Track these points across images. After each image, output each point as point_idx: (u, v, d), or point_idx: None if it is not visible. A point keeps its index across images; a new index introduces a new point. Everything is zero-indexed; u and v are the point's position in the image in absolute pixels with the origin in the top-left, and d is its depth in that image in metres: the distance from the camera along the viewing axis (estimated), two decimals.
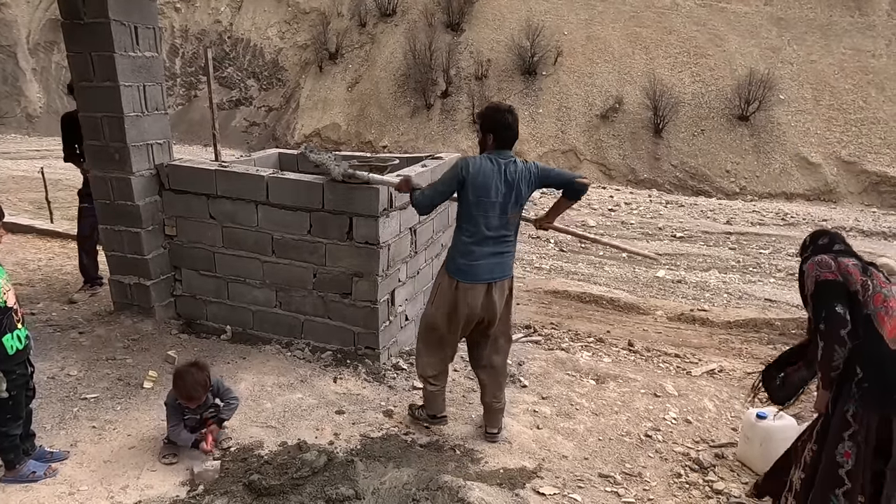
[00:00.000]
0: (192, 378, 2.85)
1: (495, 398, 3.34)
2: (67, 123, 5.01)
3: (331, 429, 3.32)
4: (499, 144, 3.06)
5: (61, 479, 2.75)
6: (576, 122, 21.25)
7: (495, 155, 3.05)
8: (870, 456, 2.38)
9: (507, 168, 3.02)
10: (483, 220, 3.03)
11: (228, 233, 4.22)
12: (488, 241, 3.06)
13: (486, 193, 2.99)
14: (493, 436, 3.36)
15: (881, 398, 2.37)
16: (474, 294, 3.09)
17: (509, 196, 3.03)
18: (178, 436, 2.89)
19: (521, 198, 3.07)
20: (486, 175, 2.98)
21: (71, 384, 3.58)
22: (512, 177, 3.01)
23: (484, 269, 3.08)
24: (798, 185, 18.45)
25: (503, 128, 3.03)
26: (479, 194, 2.99)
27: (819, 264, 2.51)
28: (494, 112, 3.06)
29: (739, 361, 5.36)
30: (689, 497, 3.02)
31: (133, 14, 4.07)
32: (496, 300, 3.14)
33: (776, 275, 10.86)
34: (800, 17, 21.44)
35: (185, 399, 2.88)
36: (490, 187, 2.99)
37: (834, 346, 2.40)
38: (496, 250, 3.10)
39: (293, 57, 27.74)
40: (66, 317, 4.55)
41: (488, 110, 3.10)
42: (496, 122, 3.04)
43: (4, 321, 2.54)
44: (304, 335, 4.26)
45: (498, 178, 3.00)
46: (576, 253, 11.96)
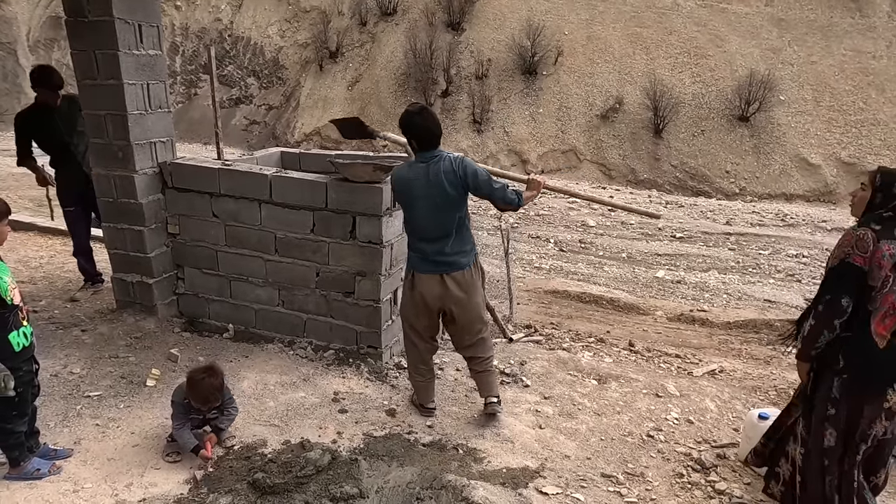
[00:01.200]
0: (208, 384, 2.86)
1: (481, 366, 3.46)
2: (21, 122, 4.81)
3: (334, 427, 3.33)
4: (420, 147, 3.18)
5: (65, 476, 2.76)
6: (576, 121, 21.24)
7: (419, 157, 3.19)
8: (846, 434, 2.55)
9: (430, 168, 3.13)
10: (416, 221, 3.24)
11: (231, 231, 4.23)
12: (429, 238, 3.23)
13: (410, 200, 3.19)
14: (492, 405, 3.41)
15: (859, 389, 2.50)
16: (430, 284, 3.29)
17: (437, 195, 3.13)
18: (182, 436, 2.89)
19: (447, 197, 3.14)
20: (405, 182, 3.19)
21: (74, 382, 3.59)
22: (435, 177, 3.12)
23: (431, 262, 3.26)
24: (798, 186, 18.46)
25: (416, 130, 3.16)
26: (403, 200, 3.27)
27: (857, 242, 2.41)
28: (406, 117, 3.19)
29: (739, 362, 5.38)
30: (692, 497, 3.03)
31: (137, 12, 4.07)
32: (454, 291, 3.27)
33: (776, 275, 10.87)
34: (800, 18, 21.45)
35: (201, 403, 2.88)
36: (411, 193, 3.17)
37: (822, 330, 2.49)
38: (440, 248, 3.23)
39: (293, 55, 27.71)
40: (69, 314, 4.55)
41: (402, 116, 3.22)
42: (409, 126, 3.18)
43: (10, 318, 2.54)
44: (306, 334, 4.27)
45: (420, 181, 3.13)
46: (575, 253, 11.97)
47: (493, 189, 3.18)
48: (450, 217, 3.21)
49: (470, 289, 3.32)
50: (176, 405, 2.93)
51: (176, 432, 2.91)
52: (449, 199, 3.16)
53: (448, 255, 3.25)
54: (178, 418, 2.91)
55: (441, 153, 3.20)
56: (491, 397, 3.44)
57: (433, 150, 3.18)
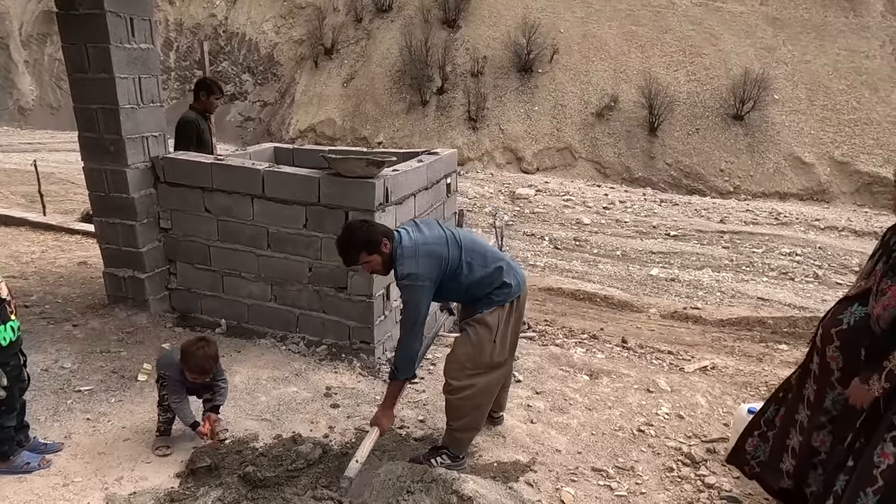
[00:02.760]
0: (203, 352, 2.81)
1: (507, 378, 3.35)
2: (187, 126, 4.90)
3: (325, 422, 3.33)
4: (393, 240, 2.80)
5: (55, 470, 2.75)
6: (571, 119, 21.28)
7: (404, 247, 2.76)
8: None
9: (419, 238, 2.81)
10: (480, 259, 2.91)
11: (224, 226, 4.22)
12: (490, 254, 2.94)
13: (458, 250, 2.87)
14: (501, 418, 3.43)
15: None
16: (522, 303, 3.01)
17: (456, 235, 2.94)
18: (183, 409, 2.84)
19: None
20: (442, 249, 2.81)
21: (65, 376, 3.58)
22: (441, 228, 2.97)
23: (518, 270, 3.02)
24: (791, 184, 18.55)
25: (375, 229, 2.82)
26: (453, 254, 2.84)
27: None
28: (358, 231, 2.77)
29: (732, 359, 5.40)
30: (681, 491, 3.04)
31: (128, 5, 4.05)
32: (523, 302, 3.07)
33: (769, 274, 10.94)
34: (795, 17, 21.53)
35: (197, 373, 2.81)
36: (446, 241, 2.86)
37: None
38: (510, 259, 3.05)
39: (288, 52, 27.63)
40: (60, 309, 4.53)
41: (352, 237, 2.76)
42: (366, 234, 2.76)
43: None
44: (299, 329, 4.26)
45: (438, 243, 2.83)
46: (570, 251, 12.01)
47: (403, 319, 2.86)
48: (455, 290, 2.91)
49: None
50: (171, 380, 2.83)
51: (177, 406, 2.83)
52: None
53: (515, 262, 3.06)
54: (176, 392, 2.83)
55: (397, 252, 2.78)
56: (501, 411, 3.45)
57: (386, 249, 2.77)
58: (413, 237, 2.78)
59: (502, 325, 2.90)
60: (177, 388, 2.85)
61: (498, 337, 2.89)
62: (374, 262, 2.77)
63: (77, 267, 5.77)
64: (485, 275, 2.85)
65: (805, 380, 2.78)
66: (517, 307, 2.96)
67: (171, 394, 2.84)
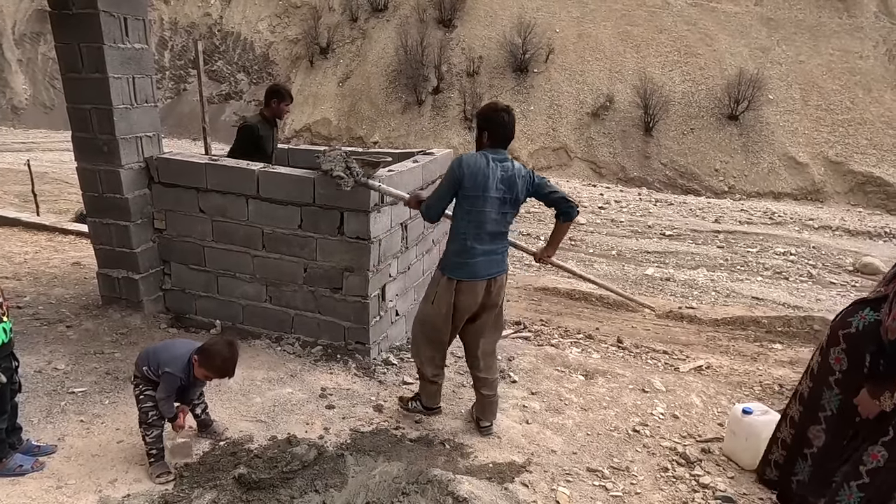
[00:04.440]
0: (234, 355, 2.75)
1: (489, 387, 3.36)
2: (249, 133, 4.81)
3: (321, 423, 3.33)
4: (493, 142, 3.09)
5: (49, 472, 2.73)
6: (566, 119, 21.31)
7: (490, 152, 3.07)
8: None
9: (503, 165, 3.06)
10: (481, 216, 3.05)
11: (218, 227, 4.20)
12: (485, 237, 3.09)
13: (485, 189, 3.01)
14: (487, 429, 3.38)
15: None
16: (474, 291, 3.13)
17: (507, 193, 3.06)
18: (169, 404, 2.75)
19: (518, 196, 3.10)
20: (482, 171, 3.00)
21: (58, 378, 3.56)
22: (509, 174, 3.05)
23: (482, 266, 3.12)
24: (786, 184, 18.63)
25: (498, 125, 3.07)
26: (477, 190, 3.01)
27: None
28: (492, 111, 3.10)
29: (727, 358, 5.42)
30: (676, 491, 3.05)
31: (122, 5, 4.03)
32: (494, 295, 3.20)
33: (763, 273, 10.97)
34: (789, 17, 21.61)
35: (219, 375, 2.76)
36: (488, 183, 3.01)
37: None
38: (493, 247, 3.14)
39: (284, 51, 27.57)
40: (54, 311, 4.51)
41: (486, 108, 3.14)
42: (492, 120, 3.07)
43: None
44: (294, 330, 4.26)
45: (494, 174, 3.03)
46: (565, 250, 12.01)
47: (562, 194, 3.19)
48: (509, 218, 3.16)
49: (503, 293, 3.29)
50: (172, 377, 2.72)
51: (165, 401, 2.74)
52: (517, 200, 3.11)
53: (500, 256, 3.19)
54: (169, 390, 2.74)
55: (508, 156, 3.15)
56: (487, 422, 3.40)
57: (504, 149, 3.12)
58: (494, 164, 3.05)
59: (443, 295, 3.16)
60: (172, 386, 2.74)
61: (435, 301, 3.21)
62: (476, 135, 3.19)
63: (71, 267, 5.74)
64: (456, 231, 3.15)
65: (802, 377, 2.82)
66: (461, 293, 3.13)
67: (163, 391, 2.71)
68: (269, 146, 4.94)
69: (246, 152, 4.65)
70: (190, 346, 2.81)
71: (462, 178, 3.01)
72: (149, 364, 2.75)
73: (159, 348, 2.84)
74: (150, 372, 2.74)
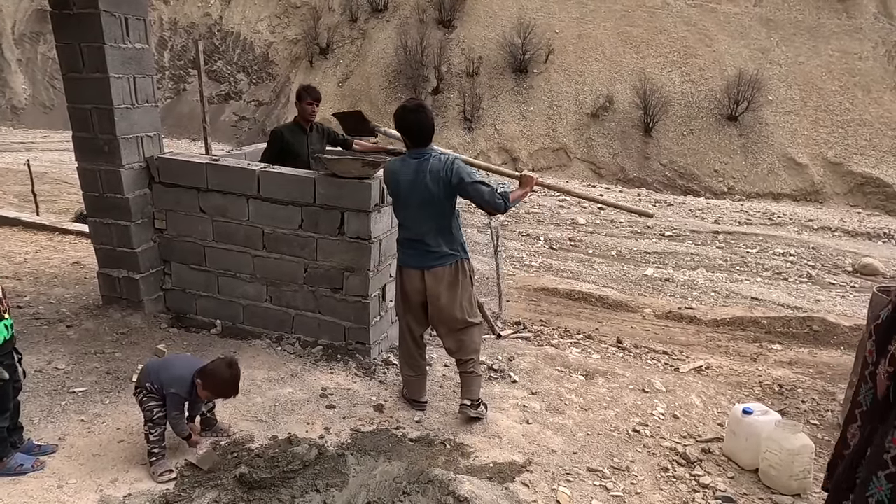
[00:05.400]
0: (237, 378, 2.82)
1: (462, 366, 3.45)
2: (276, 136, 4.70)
3: (321, 423, 3.33)
4: (411, 143, 3.21)
5: (49, 472, 2.73)
6: (566, 120, 21.32)
7: (410, 153, 3.22)
8: None
9: (419, 166, 3.17)
10: (402, 218, 3.32)
11: (219, 227, 4.20)
12: (412, 236, 3.29)
13: (399, 195, 3.24)
14: (464, 407, 3.40)
15: None
16: (412, 279, 3.36)
17: (421, 193, 3.16)
18: (181, 423, 2.81)
19: (431, 195, 3.16)
20: (395, 176, 3.23)
21: (59, 378, 3.56)
22: (422, 175, 3.16)
23: (413, 257, 3.33)
24: (785, 185, 18.65)
25: (409, 128, 3.18)
26: (392, 194, 3.31)
27: None
28: (400, 112, 3.19)
29: (726, 359, 5.43)
30: (676, 491, 3.06)
31: (123, 5, 4.03)
32: (431, 288, 3.31)
33: (763, 274, 10.99)
34: (788, 18, 21.64)
35: (222, 396, 2.86)
36: (399, 188, 3.21)
37: None
38: (421, 244, 3.28)
39: (283, 51, 27.58)
40: (54, 310, 4.51)
41: (396, 111, 3.22)
42: (401, 121, 3.19)
43: None
44: (294, 330, 4.26)
45: (409, 177, 3.17)
46: (565, 251, 12.02)
47: (481, 193, 3.13)
48: (434, 215, 3.23)
49: (449, 287, 3.30)
50: (178, 397, 2.77)
51: (177, 421, 2.80)
52: (433, 198, 3.17)
53: (429, 251, 3.27)
54: (179, 408, 2.80)
55: (431, 152, 3.21)
56: (465, 399, 3.42)
57: (423, 147, 3.20)
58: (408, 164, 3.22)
59: (396, 283, 3.49)
60: (179, 405, 2.79)
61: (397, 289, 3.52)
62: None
63: (71, 267, 5.74)
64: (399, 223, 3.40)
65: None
66: (404, 278, 3.38)
67: (173, 409, 2.76)
68: (301, 150, 4.68)
69: (274, 158, 4.55)
70: (191, 365, 2.85)
71: (385, 183, 3.37)
72: (151, 381, 2.79)
73: (160, 366, 2.87)
74: (154, 388, 2.78)
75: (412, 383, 3.61)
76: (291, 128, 4.79)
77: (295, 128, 4.77)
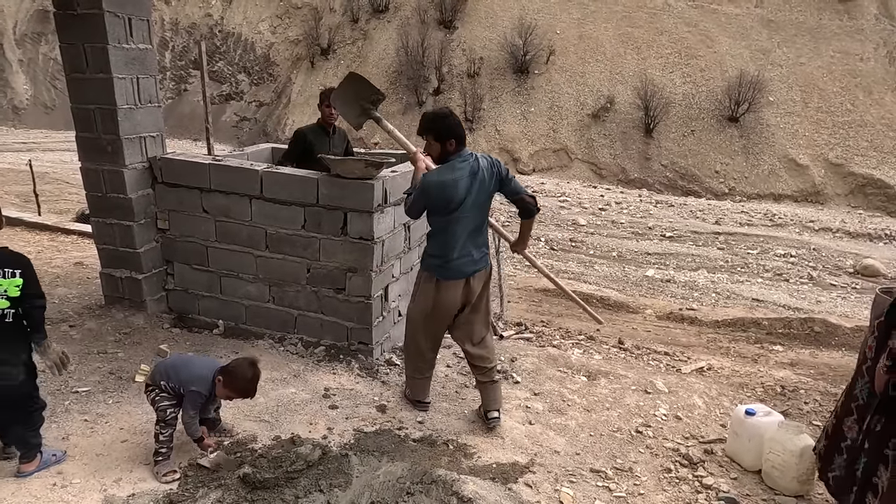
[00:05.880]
0: (257, 377, 2.83)
1: (487, 375, 3.41)
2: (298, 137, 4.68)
3: (324, 423, 3.33)
4: (460, 145, 3.17)
5: (54, 471, 2.74)
6: (567, 121, 21.32)
7: (457, 159, 3.14)
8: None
9: (473, 166, 3.14)
10: (456, 223, 3.18)
11: (222, 227, 4.21)
12: (460, 242, 3.21)
13: (454, 202, 3.12)
14: (494, 419, 3.39)
15: None
16: (455, 290, 3.26)
17: (479, 194, 3.16)
18: (195, 425, 2.81)
19: (488, 193, 3.20)
20: (449, 184, 3.11)
21: (62, 378, 3.55)
22: (479, 174, 3.14)
23: (459, 268, 3.24)
24: (786, 186, 18.63)
25: (456, 132, 3.14)
26: (444, 206, 3.14)
27: None
28: (445, 118, 3.15)
29: (728, 360, 5.43)
30: (679, 492, 3.06)
31: (126, 5, 4.04)
32: (474, 289, 3.31)
33: (764, 275, 10.98)
34: (789, 19, 21.63)
35: (242, 396, 2.85)
36: (456, 194, 3.11)
37: None
38: (470, 248, 3.25)
39: (285, 52, 27.59)
40: (57, 310, 4.51)
41: (440, 118, 3.15)
42: (448, 126, 3.13)
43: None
44: (297, 330, 4.26)
45: (465, 180, 3.12)
46: (566, 252, 12.02)
47: (523, 188, 3.26)
48: (482, 214, 3.25)
49: (483, 289, 3.37)
50: (199, 395, 2.77)
51: (192, 422, 2.80)
52: (487, 195, 3.20)
53: (473, 256, 3.26)
54: (196, 407, 2.80)
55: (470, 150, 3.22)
56: (493, 412, 3.41)
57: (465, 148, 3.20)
58: (462, 167, 3.13)
59: (426, 294, 3.31)
60: (197, 403, 2.79)
61: (417, 299, 3.37)
62: (434, 147, 3.17)
63: (73, 267, 5.75)
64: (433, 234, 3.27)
65: None
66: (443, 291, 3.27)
67: (191, 408, 2.76)
68: (323, 151, 4.55)
69: (295, 158, 4.58)
70: (210, 365, 2.86)
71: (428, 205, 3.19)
72: (168, 379, 2.78)
73: (178, 365, 2.87)
74: (169, 387, 2.77)
75: (418, 384, 3.58)
76: (314, 129, 4.77)
77: (318, 129, 4.76)
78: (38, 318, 2.62)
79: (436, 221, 3.24)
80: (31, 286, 2.61)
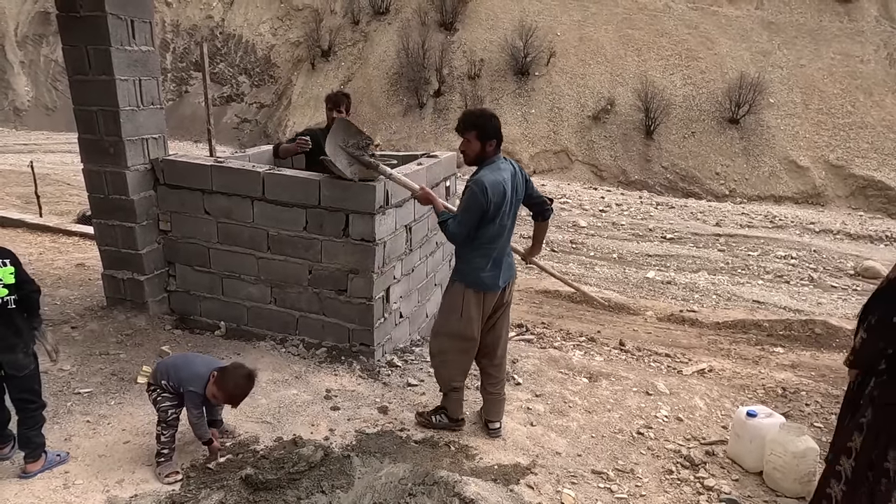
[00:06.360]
0: (250, 386, 2.81)
1: (497, 387, 3.39)
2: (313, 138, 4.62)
3: (326, 424, 3.34)
4: (497, 149, 3.11)
5: (57, 472, 2.74)
6: (568, 122, 21.33)
7: (499, 161, 3.10)
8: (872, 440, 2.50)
9: (512, 168, 3.13)
10: (502, 230, 3.11)
11: (223, 228, 4.22)
12: (503, 246, 3.17)
13: (503, 207, 3.05)
14: (496, 430, 3.39)
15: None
16: (491, 299, 3.21)
17: (516, 198, 3.16)
18: (202, 426, 2.81)
19: (520, 197, 3.19)
20: (505, 185, 3.03)
21: (64, 379, 3.57)
22: (516, 178, 3.13)
23: (503, 274, 3.20)
24: (787, 187, 18.63)
25: (497, 132, 3.09)
26: (499, 210, 3.03)
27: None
28: (491, 119, 3.07)
29: (729, 361, 5.43)
30: (681, 493, 3.06)
31: (129, 8, 4.06)
32: (506, 298, 3.31)
33: (764, 276, 10.98)
34: (790, 21, 21.65)
35: (226, 400, 2.82)
36: (506, 197, 3.05)
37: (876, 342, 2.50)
38: (506, 253, 3.22)
39: (285, 54, 27.62)
40: (59, 311, 4.52)
41: (487, 118, 3.06)
42: (495, 128, 3.06)
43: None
44: (298, 331, 4.26)
45: (510, 182, 3.08)
46: (567, 253, 12.02)
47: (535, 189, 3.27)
48: (514, 219, 3.21)
49: (511, 295, 3.36)
50: (198, 396, 2.77)
51: (199, 422, 2.80)
52: (520, 200, 3.20)
53: (509, 262, 3.24)
54: (198, 407, 2.79)
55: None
56: (495, 422, 3.41)
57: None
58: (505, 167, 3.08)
59: (473, 309, 3.16)
60: (198, 403, 2.78)
61: (464, 315, 3.17)
62: (473, 146, 3.07)
63: (75, 269, 5.76)
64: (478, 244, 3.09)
65: None
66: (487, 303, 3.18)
67: (194, 407, 2.76)
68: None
69: (305, 160, 4.62)
70: (210, 363, 2.86)
71: (489, 206, 2.98)
72: (168, 378, 2.78)
73: (179, 363, 2.86)
74: (170, 386, 2.77)
75: (460, 402, 3.38)
76: (325, 131, 4.77)
77: (325, 133, 4.76)
78: (35, 304, 2.70)
79: (483, 229, 3.06)
80: (23, 274, 2.66)
